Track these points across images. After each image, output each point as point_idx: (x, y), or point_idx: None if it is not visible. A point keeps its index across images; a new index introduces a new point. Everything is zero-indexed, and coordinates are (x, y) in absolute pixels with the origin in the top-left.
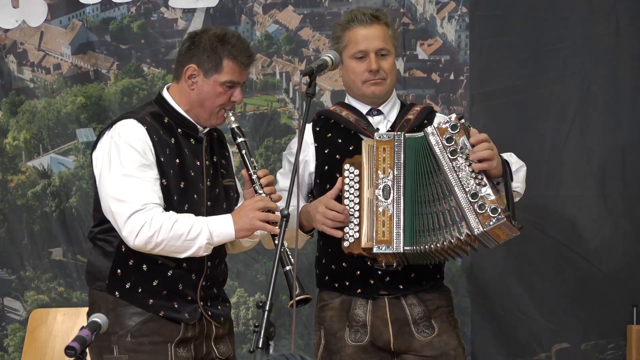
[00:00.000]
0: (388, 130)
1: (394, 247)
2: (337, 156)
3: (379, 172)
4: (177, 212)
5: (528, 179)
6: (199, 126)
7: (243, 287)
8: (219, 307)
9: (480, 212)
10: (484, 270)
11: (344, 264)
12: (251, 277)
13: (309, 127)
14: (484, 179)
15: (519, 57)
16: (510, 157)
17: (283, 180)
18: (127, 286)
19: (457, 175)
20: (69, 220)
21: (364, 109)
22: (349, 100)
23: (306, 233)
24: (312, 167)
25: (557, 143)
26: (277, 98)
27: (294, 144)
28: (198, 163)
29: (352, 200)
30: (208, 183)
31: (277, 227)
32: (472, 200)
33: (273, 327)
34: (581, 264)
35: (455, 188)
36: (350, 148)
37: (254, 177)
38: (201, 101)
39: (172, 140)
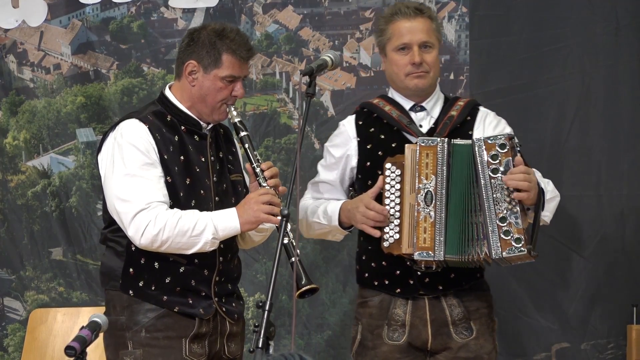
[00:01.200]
0: (431, 128)
1: (435, 255)
2: (380, 153)
3: (422, 178)
4: (184, 208)
5: None
6: (202, 122)
7: (243, 287)
8: (233, 304)
9: (504, 237)
10: (484, 270)
11: (383, 262)
12: (251, 277)
13: (351, 119)
14: (517, 206)
15: (519, 57)
16: (547, 185)
17: (324, 171)
18: (140, 284)
19: (492, 195)
20: (69, 220)
21: (407, 104)
22: (393, 94)
23: (344, 229)
24: (354, 161)
25: (557, 143)
26: (277, 98)
27: (334, 137)
28: (203, 159)
29: (393, 200)
30: (214, 178)
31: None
32: (500, 224)
33: (273, 327)
34: (581, 264)
35: (487, 206)
36: (393, 145)
37: (258, 170)
38: (202, 97)
39: (176, 138)
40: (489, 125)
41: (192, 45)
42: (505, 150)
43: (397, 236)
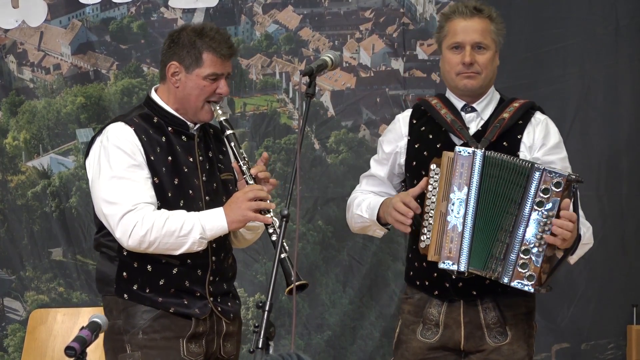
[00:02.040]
0: (478, 130)
1: (459, 266)
2: (425, 153)
3: (454, 187)
4: (173, 208)
5: None
6: (189, 123)
7: (243, 287)
8: (229, 304)
9: (519, 270)
10: None
11: (424, 263)
12: (251, 277)
13: (406, 116)
14: (545, 246)
15: (519, 57)
16: (587, 230)
17: (375, 165)
18: (135, 288)
19: (527, 224)
20: (69, 220)
21: (459, 104)
22: (448, 94)
23: (383, 226)
24: (402, 159)
25: None
26: (277, 98)
27: (388, 131)
28: (191, 159)
29: (434, 202)
30: (204, 178)
31: (270, 217)
32: (521, 255)
33: (273, 327)
34: (581, 264)
35: (517, 232)
36: (438, 146)
37: (244, 168)
38: (187, 97)
39: (163, 139)
40: (539, 132)
41: (173, 47)
42: (559, 189)
43: (429, 241)
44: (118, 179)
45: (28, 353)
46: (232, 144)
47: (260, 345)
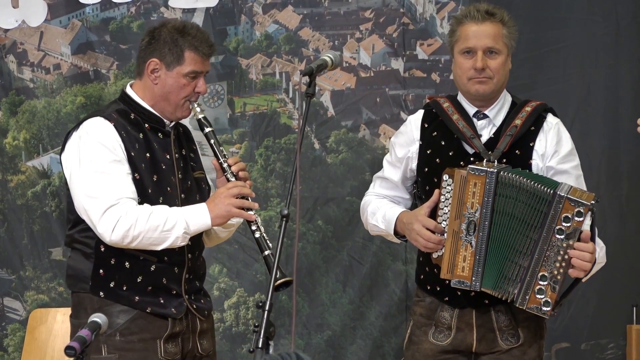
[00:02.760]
0: (490, 138)
1: (472, 285)
2: (437, 160)
3: (467, 206)
4: (153, 204)
5: None
6: (165, 120)
7: (243, 287)
8: (202, 301)
9: (536, 295)
10: None
11: (435, 269)
12: (251, 277)
13: (418, 118)
14: (563, 274)
15: (519, 57)
16: (601, 250)
17: (388, 168)
18: (112, 285)
19: (546, 251)
20: None
21: (471, 110)
22: (460, 98)
23: (399, 238)
24: (414, 164)
25: None
26: (277, 98)
27: (400, 134)
28: (168, 156)
29: (446, 213)
30: (180, 176)
31: (253, 214)
32: (539, 281)
33: (273, 327)
34: None
35: (535, 258)
36: (450, 154)
37: (225, 165)
38: (165, 95)
39: (141, 135)
40: (551, 140)
41: (153, 44)
42: (580, 219)
43: (443, 252)
44: (100, 174)
45: (28, 353)
46: (212, 141)
47: (260, 345)
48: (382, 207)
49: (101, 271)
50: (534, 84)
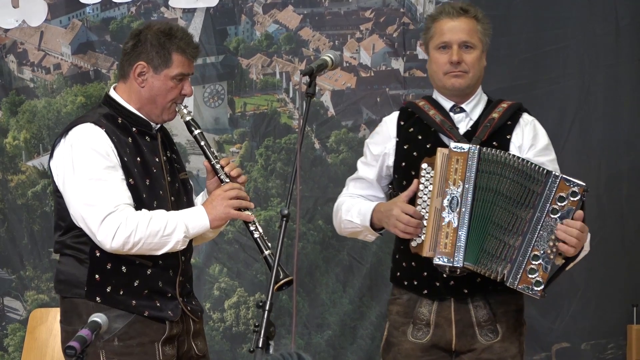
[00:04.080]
0: (468, 130)
1: (454, 261)
2: (415, 153)
3: (449, 183)
4: (149, 209)
5: None
6: (151, 123)
7: (243, 287)
8: (193, 303)
9: (528, 275)
10: None
11: (413, 263)
12: (251, 277)
13: (393, 117)
14: (555, 253)
15: (519, 57)
16: (587, 237)
17: (364, 168)
18: (108, 290)
19: (540, 231)
20: None
21: (447, 104)
22: (436, 95)
23: (376, 231)
24: (391, 161)
25: (557, 143)
26: (277, 98)
27: (375, 134)
28: (157, 159)
29: (425, 201)
30: (169, 178)
31: (251, 215)
32: (531, 261)
33: (273, 327)
34: (581, 264)
35: (528, 237)
36: (428, 146)
37: (217, 167)
38: (153, 98)
39: (130, 140)
40: (527, 133)
41: (139, 47)
42: (576, 198)
43: (423, 237)
44: (96, 181)
45: (28, 352)
46: (203, 143)
47: (260, 345)
48: (356, 204)
49: (97, 276)
50: (534, 84)
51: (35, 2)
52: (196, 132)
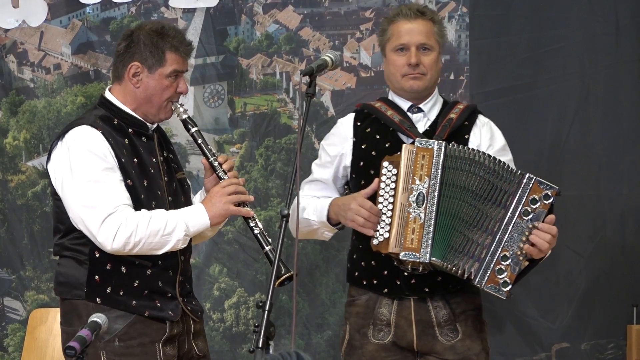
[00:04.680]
0: (426, 130)
1: (421, 256)
2: (373, 152)
3: (415, 179)
4: (147, 210)
5: None
6: (147, 123)
7: (243, 287)
8: (193, 302)
9: (496, 275)
10: None
11: (372, 262)
12: (251, 277)
13: (349, 119)
14: (524, 255)
15: (519, 57)
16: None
17: (318, 170)
18: (108, 291)
19: (510, 231)
20: None
21: (404, 105)
22: (392, 96)
23: (333, 226)
24: (348, 161)
25: (557, 143)
26: (277, 98)
27: (331, 135)
28: (154, 160)
29: (387, 199)
30: (166, 178)
31: (250, 210)
32: (500, 261)
33: (273, 327)
34: (581, 264)
35: (498, 237)
36: (387, 145)
37: (215, 164)
38: (148, 97)
39: (126, 141)
40: (485, 134)
41: (132, 47)
42: (548, 201)
43: (386, 235)
44: (94, 183)
45: (28, 353)
46: (200, 140)
47: (260, 345)
48: (311, 202)
49: (97, 277)
50: (534, 84)
51: (35, 2)
52: (193, 130)
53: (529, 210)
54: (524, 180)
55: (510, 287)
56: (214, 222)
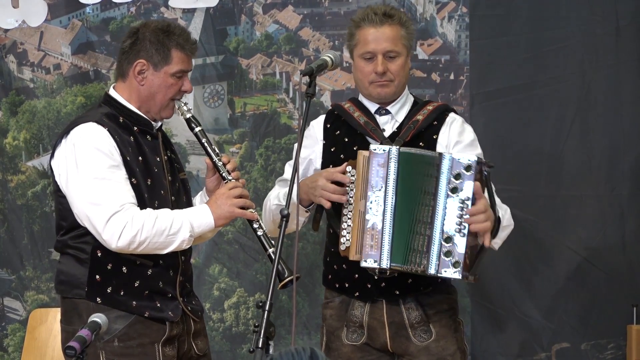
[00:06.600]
0: (393, 132)
1: (381, 263)
2: (342, 156)
3: (372, 185)
4: (150, 209)
5: (529, 179)
6: (152, 122)
7: (243, 287)
8: (194, 302)
9: (444, 258)
10: (484, 270)
11: (344, 265)
12: (251, 277)
13: (320, 121)
14: (466, 229)
15: (519, 57)
16: (505, 212)
17: (289, 169)
18: (109, 291)
19: (445, 213)
20: None
21: (372, 107)
22: (361, 97)
23: (305, 207)
24: (318, 163)
25: (557, 143)
26: (277, 98)
27: (304, 137)
28: (158, 159)
29: (349, 206)
30: (169, 178)
31: (254, 213)
32: (444, 243)
33: (273, 327)
34: (581, 264)
35: (437, 222)
36: (354, 148)
37: (220, 164)
38: (152, 95)
39: (132, 139)
40: (454, 131)
41: (137, 45)
42: (470, 172)
43: (349, 242)
44: (100, 180)
45: (28, 353)
46: (204, 140)
47: (260, 345)
48: (281, 191)
49: (97, 277)
50: (534, 84)
51: (35, 2)
52: (197, 129)
53: (456, 186)
54: (443, 160)
55: (461, 267)
56: (218, 223)
